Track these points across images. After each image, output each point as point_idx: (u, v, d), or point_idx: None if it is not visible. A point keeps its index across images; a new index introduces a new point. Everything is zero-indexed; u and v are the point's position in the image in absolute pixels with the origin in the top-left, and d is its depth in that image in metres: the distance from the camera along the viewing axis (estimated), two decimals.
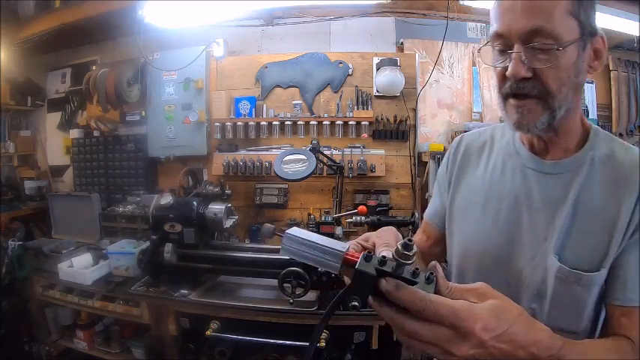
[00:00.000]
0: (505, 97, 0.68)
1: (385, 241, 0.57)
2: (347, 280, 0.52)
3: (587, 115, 2.57)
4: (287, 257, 1.84)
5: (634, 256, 0.64)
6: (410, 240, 0.45)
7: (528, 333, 0.47)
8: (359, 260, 0.46)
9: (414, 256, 0.45)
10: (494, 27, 0.66)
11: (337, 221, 2.03)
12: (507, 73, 0.64)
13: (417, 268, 0.46)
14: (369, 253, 0.47)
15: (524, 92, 0.65)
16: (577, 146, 0.72)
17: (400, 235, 0.61)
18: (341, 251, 0.50)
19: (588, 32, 0.64)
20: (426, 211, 0.97)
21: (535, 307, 0.70)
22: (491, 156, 0.82)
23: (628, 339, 0.62)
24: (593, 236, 0.66)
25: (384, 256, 0.46)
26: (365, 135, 2.52)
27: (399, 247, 0.45)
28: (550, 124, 0.66)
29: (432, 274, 0.46)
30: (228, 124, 2.60)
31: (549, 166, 0.72)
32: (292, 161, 1.92)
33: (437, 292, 0.46)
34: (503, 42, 0.65)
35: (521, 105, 0.66)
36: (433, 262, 0.49)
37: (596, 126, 0.75)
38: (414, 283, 0.45)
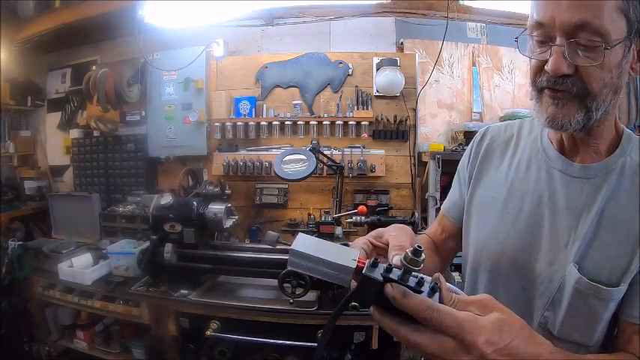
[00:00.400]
0: (540, 90, 0.64)
1: (399, 243, 0.55)
2: (354, 283, 0.51)
3: None
4: (287, 257, 1.84)
5: None
6: (419, 247, 0.45)
7: (530, 347, 0.47)
8: (365, 265, 0.46)
9: (422, 263, 0.45)
10: (534, 15, 0.61)
11: (337, 221, 2.03)
12: (547, 67, 0.60)
13: (422, 278, 0.46)
14: (376, 260, 0.46)
15: (562, 89, 0.61)
16: (608, 150, 0.68)
17: (414, 236, 0.60)
18: (351, 267, 0.48)
19: (635, 31, 0.59)
20: (444, 203, 0.94)
21: (548, 315, 0.68)
22: (517, 152, 0.79)
23: (636, 357, 0.60)
24: (616, 249, 0.63)
25: (389, 264, 0.46)
26: (365, 135, 2.52)
27: (409, 253, 0.45)
28: (585, 125, 0.62)
29: (436, 284, 0.46)
30: (228, 124, 2.60)
31: (578, 170, 0.69)
32: (292, 161, 1.92)
33: (440, 302, 0.46)
34: (544, 32, 0.60)
35: (559, 97, 0.61)
36: (437, 274, 0.49)
37: (629, 130, 0.71)
38: (419, 292, 0.45)
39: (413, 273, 0.45)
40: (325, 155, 2.21)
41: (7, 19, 2.64)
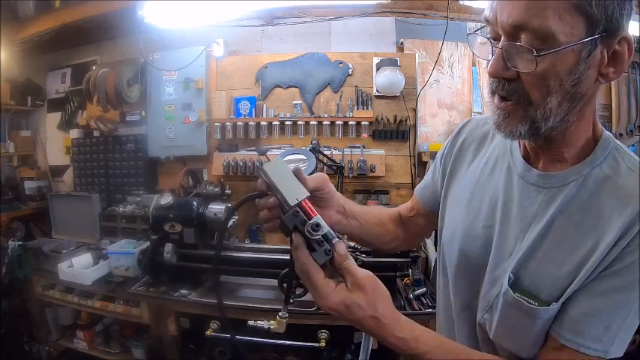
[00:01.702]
0: (491, 93, 0.60)
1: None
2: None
3: None
4: (287, 257, 1.85)
5: (588, 299, 0.56)
6: (317, 225, 0.55)
7: (379, 329, 0.57)
8: (289, 212, 0.57)
9: (318, 236, 0.56)
10: (485, 10, 0.57)
11: None
12: (487, 69, 0.56)
13: (327, 239, 0.56)
14: (298, 212, 0.57)
15: (505, 95, 0.57)
16: (578, 158, 0.62)
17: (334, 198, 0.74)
18: (290, 204, 0.58)
19: (602, 31, 0.51)
20: (419, 183, 0.96)
21: (487, 318, 0.66)
22: (489, 150, 0.76)
23: None
24: (558, 267, 0.58)
25: (312, 223, 0.56)
26: (365, 135, 2.52)
27: (309, 227, 0.56)
28: (536, 134, 0.57)
29: (330, 250, 0.56)
30: (228, 124, 2.60)
31: (535, 177, 0.64)
32: (292, 161, 1.91)
33: (331, 261, 0.57)
34: (492, 30, 0.56)
35: (501, 107, 0.58)
36: (343, 237, 0.59)
37: (609, 135, 0.62)
38: (313, 249, 0.56)
39: (326, 231, 0.56)
40: (325, 155, 2.21)
41: (7, 19, 2.64)
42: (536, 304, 0.58)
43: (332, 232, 0.57)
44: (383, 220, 0.91)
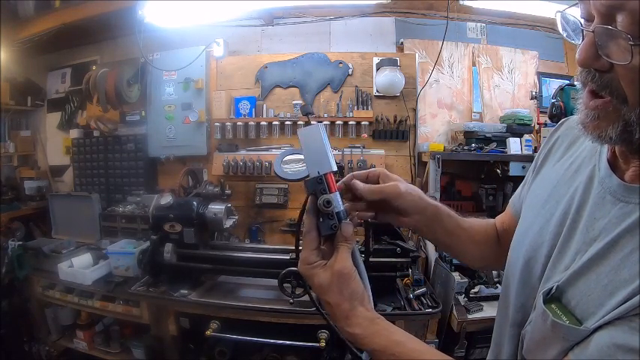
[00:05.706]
0: (581, 85, 0.51)
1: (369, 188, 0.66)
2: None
3: None
4: (287, 257, 1.84)
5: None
6: (328, 202, 0.58)
7: (332, 318, 0.60)
8: (311, 177, 0.60)
9: (329, 210, 0.59)
10: None
11: None
12: (576, 55, 0.47)
13: (341, 214, 0.59)
14: (322, 180, 0.59)
15: (594, 89, 0.48)
16: None
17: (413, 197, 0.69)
18: (303, 175, 0.62)
19: None
20: None
21: (527, 330, 0.57)
22: (579, 148, 0.65)
23: None
24: (608, 296, 0.46)
25: (325, 198, 0.59)
26: (365, 135, 2.52)
27: (322, 200, 0.58)
28: (628, 140, 0.47)
29: (335, 226, 0.59)
30: (228, 124, 2.60)
31: (615, 186, 0.53)
32: (292, 161, 1.91)
33: (333, 233, 0.59)
34: (584, 9, 0.47)
35: (590, 107, 0.49)
36: (353, 216, 0.63)
37: None
38: (325, 219, 0.59)
39: (339, 210, 0.59)
40: None
41: (7, 19, 2.64)
42: (567, 321, 0.48)
43: (346, 213, 0.60)
44: (478, 239, 0.81)
